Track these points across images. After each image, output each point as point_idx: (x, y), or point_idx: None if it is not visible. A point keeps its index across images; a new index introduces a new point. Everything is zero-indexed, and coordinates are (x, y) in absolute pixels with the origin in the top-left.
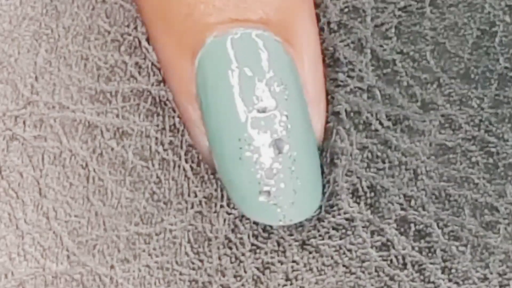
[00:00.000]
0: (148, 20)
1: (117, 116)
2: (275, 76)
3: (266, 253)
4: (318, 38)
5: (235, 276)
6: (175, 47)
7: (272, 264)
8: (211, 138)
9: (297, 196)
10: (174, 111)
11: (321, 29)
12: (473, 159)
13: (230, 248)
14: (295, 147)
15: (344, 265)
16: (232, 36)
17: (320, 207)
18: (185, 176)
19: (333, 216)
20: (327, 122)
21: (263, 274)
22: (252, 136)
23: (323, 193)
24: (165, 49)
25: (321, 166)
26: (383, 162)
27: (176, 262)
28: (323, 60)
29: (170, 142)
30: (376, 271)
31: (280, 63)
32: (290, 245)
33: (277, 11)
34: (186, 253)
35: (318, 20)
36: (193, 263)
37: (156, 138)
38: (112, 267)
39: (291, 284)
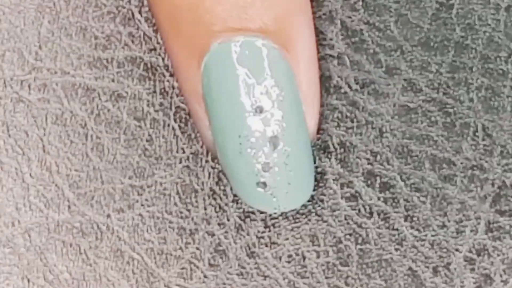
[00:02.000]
0: (161, 26)
1: (113, 80)
2: (272, 79)
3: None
4: (314, 42)
5: (219, 224)
6: (184, 51)
7: (253, 213)
8: (214, 133)
9: (291, 187)
10: (164, 76)
11: None
12: (433, 119)
13: (215, 199)
14: (289, 143)
15: (317, 214)
16: (234, 43)
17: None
18: (174, 134)
19: None
20: None
21: (244, 222)
22: (251, 133)
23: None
24: (175, 53)
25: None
26: (352, 122)
27: (166, 212)
28: None
29: (161, 104)
30: (345, 219)
31: (277, 68)
32: None
33: (275, 21)
34: (175, 204)
35: None
36: (181, 213)
37: (148, 100)
38: (108, 216)
39: (269, 231)
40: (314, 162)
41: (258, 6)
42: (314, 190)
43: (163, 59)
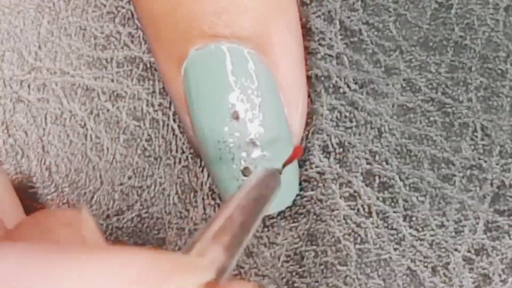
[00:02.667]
0: (144, 32)
1: (112, 80)
2: (250, 84)
3: None
4: (300, 44)
5: None
6: (165, 56)
7: None
8: (197, 137)
9: None
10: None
11: None
12: (431, 119)
13: (214, 199)
14: (268, 147)
15: (315, 214)
16: (210, 49)
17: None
18: (173, 134)
19: (305, 170)
20: None
21: None
22: (229, 139)
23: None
24: (158, 58)
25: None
26: (351, 121)
27: (165, 212)
28: None
29: (160, 104)
30: (344, 219)
31: (255, 72)
32: None
33: (251, 27)
34: (174, 204)
35: None
36: (180, 213)
37: (147, 100)
38: (108, 216)
39: (268, 230)
40: (313, 162)
41: (233, 12)
42: (313, 190)
43: None
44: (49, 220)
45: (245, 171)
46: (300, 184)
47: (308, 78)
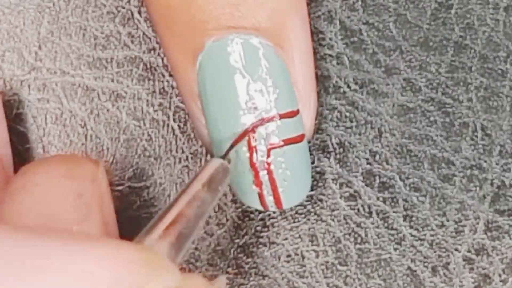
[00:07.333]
0: (156, 25)
1: (112, 80)
2: (267, 77)
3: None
4: (310, 40)
5: (218, 224)
6: (178, 50)
7: (251, 212)
8: (210, 131)
9: (287, 185)
10: (164, 76)
11: None
12: (432, 118)
13: None
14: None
15: (316, 214)
16: (228, 41)
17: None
18: (173, 134)
19: None
20: None
21: (243, 222)
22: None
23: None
24: (170, 52)
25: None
26: (351, 121)
27: None
28: None
29: (160, 104)
30: (344, 219)
31: (271, 66)
32: None
33: (268, 19)
34: None
35: None
36: None
37: (147, 100)
38: None
39: (268, 230)
40: (313, 162)
41: (251, 3)
42: (313, 190)
43: (162, 59)
44: (43, 172)
45: (261, 165)
46: None
47: None
